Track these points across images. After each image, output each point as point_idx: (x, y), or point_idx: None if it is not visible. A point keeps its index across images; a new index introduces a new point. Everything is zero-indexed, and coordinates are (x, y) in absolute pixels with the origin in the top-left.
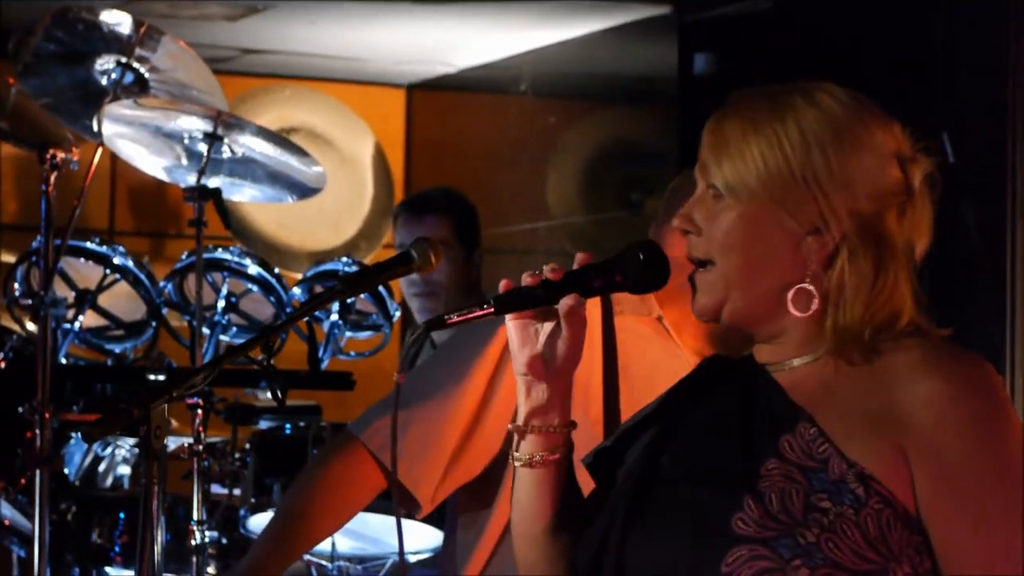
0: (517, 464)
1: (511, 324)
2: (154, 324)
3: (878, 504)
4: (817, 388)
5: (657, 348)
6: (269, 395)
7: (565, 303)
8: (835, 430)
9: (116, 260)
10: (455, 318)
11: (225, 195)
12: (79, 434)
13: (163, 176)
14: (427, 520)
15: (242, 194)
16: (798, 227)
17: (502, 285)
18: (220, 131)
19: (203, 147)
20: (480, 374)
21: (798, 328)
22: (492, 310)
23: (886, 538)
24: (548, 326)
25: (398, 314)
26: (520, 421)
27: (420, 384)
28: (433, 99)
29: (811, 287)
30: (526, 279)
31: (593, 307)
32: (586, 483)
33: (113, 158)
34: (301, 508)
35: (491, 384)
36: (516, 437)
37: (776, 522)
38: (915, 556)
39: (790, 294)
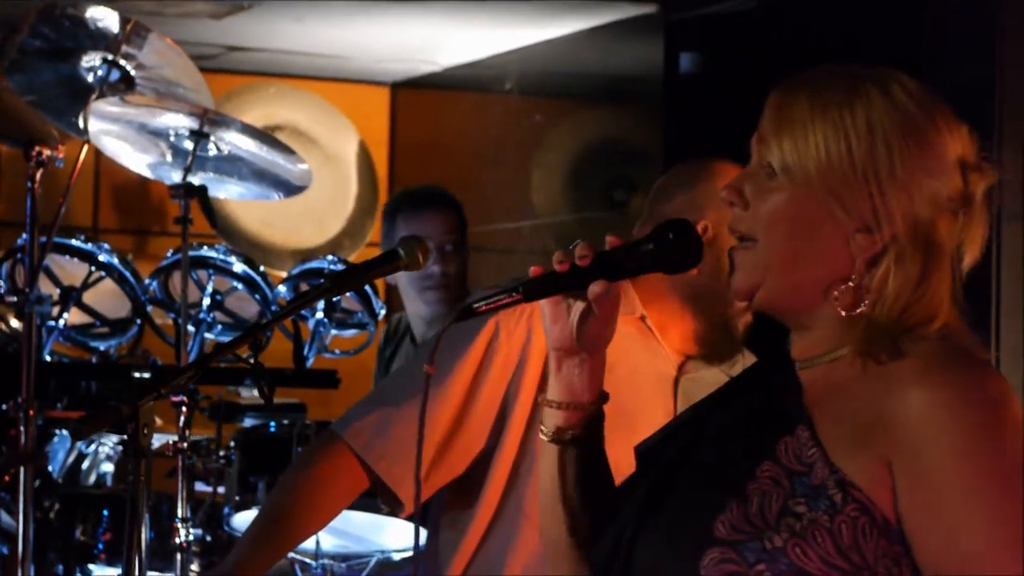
0: (544, 438)
1: (544, 301)
2: (139, 322)
3: (855, 512)
4: (829, 388)
5: (641, 348)
6: (253, 393)
7: (593, 290)
8: (829, 434)
9: (101, 257)
10: (484, 306)
11: (210, 192)
12: (63, 431)
13: (147, 173)
14: (411, 518)
15: (228, 191)
16: (849, 222)
17: (532, 271)
18: (206, 128)
19: (189, 144)
20: (463, 373)
21: (831, 323)
22: (522, 296)
23: (860, 546)
24: (580, 304)
25: (383, 312)
26: (549, 395)
27: (402, 383)
28: (418, 97)
29: (855, 283)
30: (556, 264)
31: None
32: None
33: (97, 155)
34: (285, 507)
35: (474, 383)
36: (544, 410)
37: (750, 525)
38: (893, 567)
39: (836, 291)
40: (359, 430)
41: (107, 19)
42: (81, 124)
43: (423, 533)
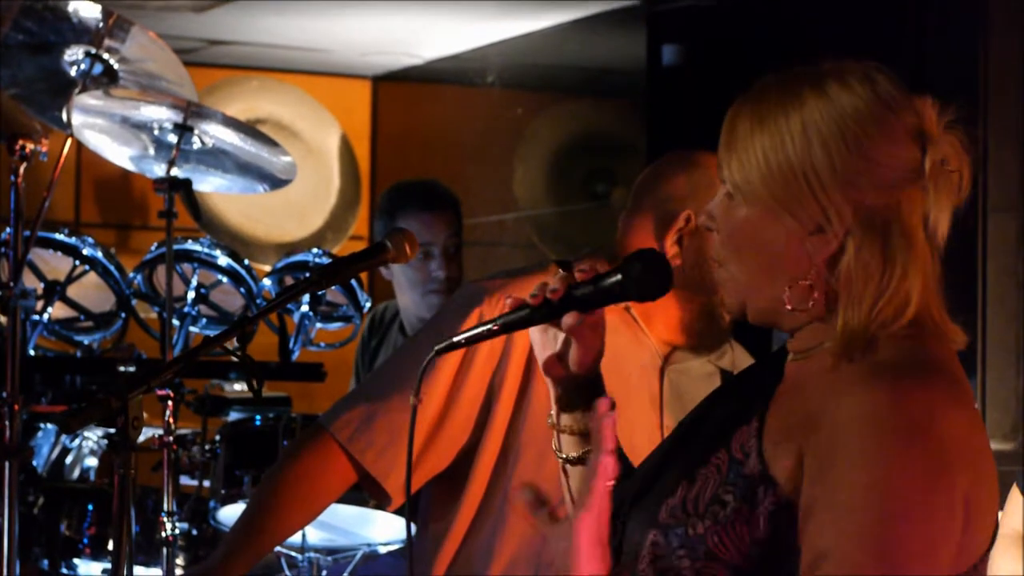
0: (560, 461)
1: (532, 329)
2: (123, 315)
3: (772, 506)
4: (797, 382)
5: (625, 339)
6: (238, 387)
7: (566, 321)
8: (772, 427)
9: (85, 251)
10: (463, 341)
11: (194, 186)
12: (47, 426)
13: (130, 167)
14: (398, 511)
15: (211, 185)
16: (800, 227)
17: (509, 303)
18: (189, 121)
19: (172, 137)
20: (446, 366)
21: (813, 325)
22: (498, 329)
23: (775, 539)
24: (562, 333)
25: (368, 305)
26: (555, 420)
27: (387, 375)
28: (399, 90)
29: (809, 283)
30: (529, 298)
31: None
32: None
33: (79, 149)
34: (272, 501)
35: (458, 376)
36: (553, 435)
37: (683, 511)
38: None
39: (786, 292)
40: (345, 423)
41: (89, 13)
42: (64, 118)
43: (413, 527)
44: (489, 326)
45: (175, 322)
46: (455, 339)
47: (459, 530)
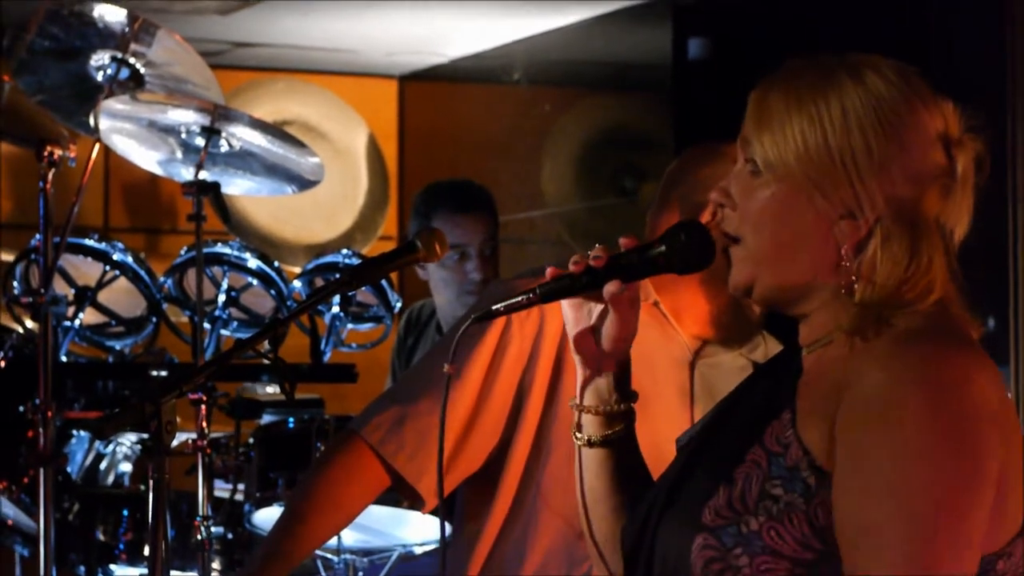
0: (578, 443)
1: (565, 304)
2: (154, 320)
3: (828, 495)
4: (820, 371)
5: (655, 334)
6: (270, 389)
7: (608, 290)
8: (804, 415)
9: (115, 256)
10: (503, 308)
11: (222, 189)
12: (81, 432)
13: (158, 171)
14: (433, 512)
15: (240, 187)
16: (831, 210)
17: (548, 272)
18: (217, 124)
19: (200, 141)
20: (477, 367)
21: (825, 310)
22: (538, 298)
23: (834, 528)
24: (599, 306)
25: (399, 305)
26: (578, 400)
27: (418, 378)
28: (426, 89)
29: (847, 269)
30: (571, 266)
31: None
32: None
33: (107, 154)
34: (306, 506)
35: (488, 376)
36: (576, 416)
37: (731, 510)
38: None
39: (811, 271)
40: (376, 426)
41: (115, 17)
42: (91, 123)
43: (448, 527)
44: (529, 294)
45: (206, 326)
46: (494, 307)
47: (492, 530)
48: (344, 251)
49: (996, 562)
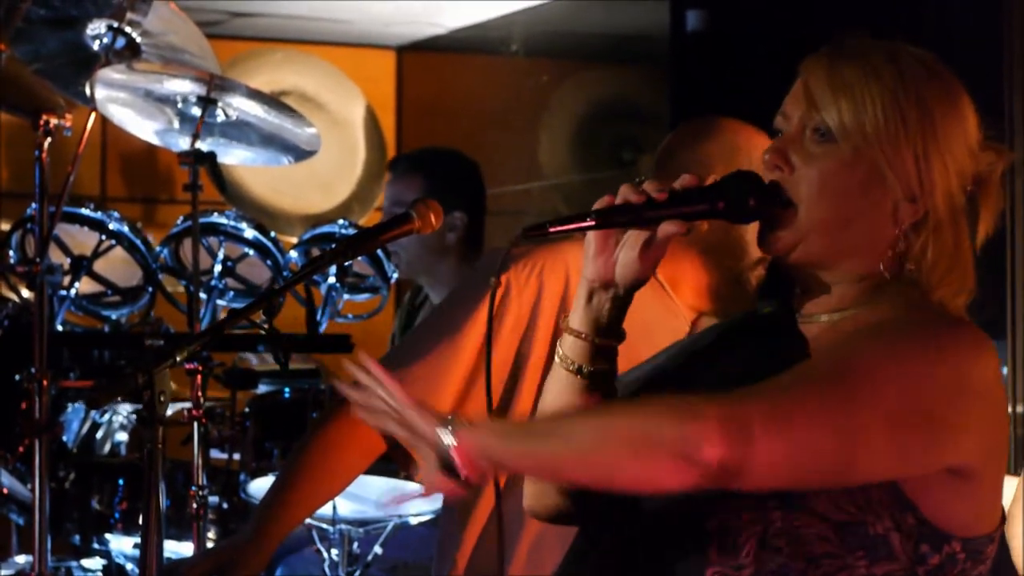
0: (558, 363)
1: (592, 232)
2: (150, 290)
3: None
4: (830, 337)
5: (654, 304)
6: (266, 359)
7: (667, 229)
8: None
9: (111, 226)
10: (555, 227)
11: (219, 159)
12: (76, 402)
13: (155, 140)
14: None
15: (236, 157)
16: (898, 187)
17: (604, 200)
18: (213, 94)
19: (196, 111)
20: (473, 335)
21: (850, 284)
22: (595, 223)
23: (867, 493)
24: (634, 239)
25: (395, 276)
26: (574, 325)
27: (414, 346)
28: (424, 60)
29: (902, 250)
30: (630, 195)
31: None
32: None
33: (104, 124)
34: (300, 473)
35: (485, 343)
36: (563, 336)
37: None
38: (896, 511)
39: (886, 260)
40: None
41: None
42: (88, 92)
43: (436, 496)
44: (588, 219)
45: (202, 295)
46: (547, 224)
47: (486, 503)
48: (341, 221)
49: (988, 545)
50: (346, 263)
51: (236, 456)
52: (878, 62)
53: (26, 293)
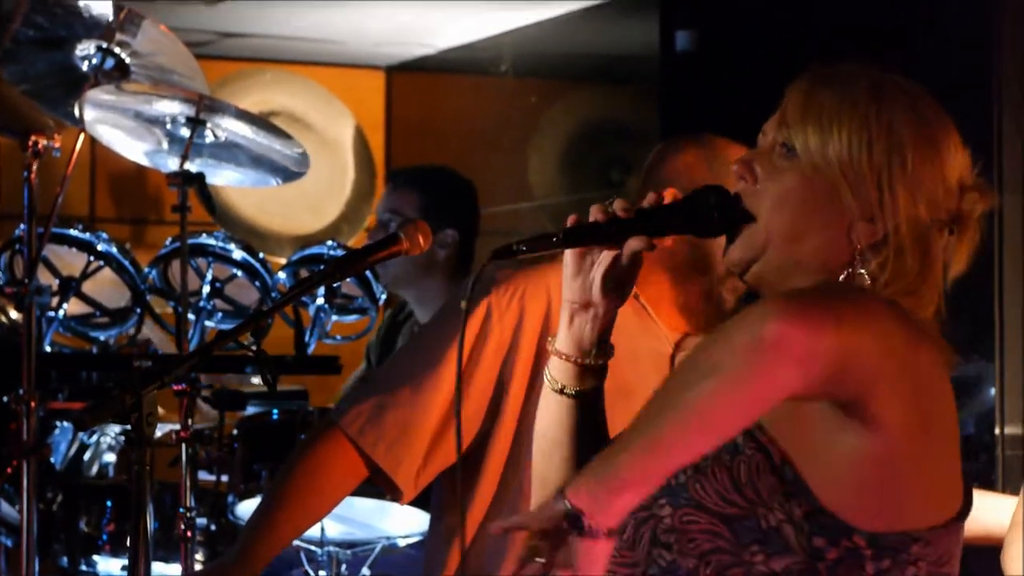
0: (547, 387)
1: (569, 252)
2: (139, 311)
3: (751, 451)
4: None
5: (637, 326)
6: (255, 380)
7: (632, 244)
8: None
9: (100, 247)
10: (524, 248)
11: (208, 179)
12: (64, 423)
13: (144, 161)
14: (415, 503)
15: (225, 178)
16: (856, 209)
17: (570, 220)
18: (202, 115)
19: (185, 132)
20: (454, 359)
21: None
22: (560, 241)
23: (754, 484)
24: (606, 258)
25: (384, 297)
26: (558, 345)
27: (398, 368)
28: (413, 81)
29: (859, 267)
30: (597, 214)
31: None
32: None
33: (93, 144)
34: (285, 496)
35: (467, 367)
36: (550, 358)
37: None
38: (785, 501)
39: (841, 276)
40: (355, 416)
41: (100, 7)
42: (76, 113)
43: (424, 518)
44: (552, 237)
45: (191, 317)
46: (514, 244)
47: (471, 523)
48: (329, 242)
49: (911, 544)
50: (335, 284)
51: (224, 478)
52: (858, 90)
53: (14, 314)
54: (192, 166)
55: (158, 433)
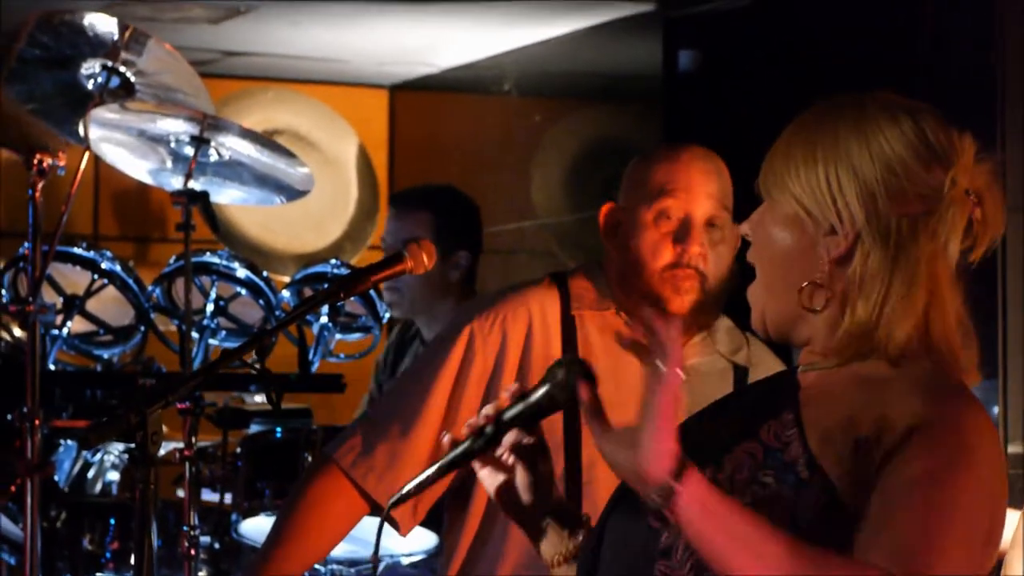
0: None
1: (478, 471)
2: (143, 329)
3: (820, 494)
4: (823, 390)
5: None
6: (258, 399)
7: (507, 441)
8: (811, 423)
9: (104, 265)
10: (413, 490)
11: (212, 198)
12: (68, 441)
13: (148, 180)
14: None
15: (229, 197)
16: (816, 227)
17: (445, 441)
18: (206, 134)
19: (189, 150)
20: (441, 389)
21: (822, 334)
22: (438, 472)
23: (814, 527)
24: (506, 459)
25: (388, 315)
26: (543, 554)
27: (388, 401)
28: (416, 100)
29: (821, 283)
30: (464, 431)
31: (552, 304)
32: None
33: (97, 163)
34: (287, 532)
35: (454, 395)
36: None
37: (717, 486)
38: (844, 544)
39: (801, 290)
40: (348, 450)
41: (106, 26)
42: (81, 132)
43: (429, 537)
44: (431, 471)
45: (194, 335)
46: (404, 491)
47: (465, 543)
48: (333, 261)
49: None
50: (338, 303)
51: (228, 496)
52: (810, 117)
53: (18, 332)
54: (196, 184)
55: (162, 451)
